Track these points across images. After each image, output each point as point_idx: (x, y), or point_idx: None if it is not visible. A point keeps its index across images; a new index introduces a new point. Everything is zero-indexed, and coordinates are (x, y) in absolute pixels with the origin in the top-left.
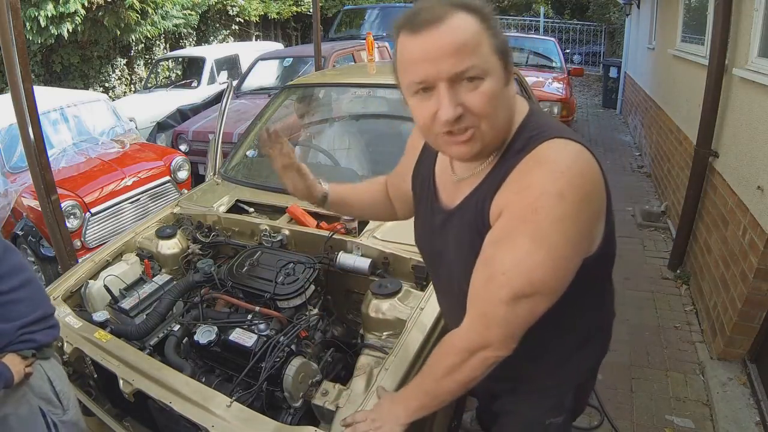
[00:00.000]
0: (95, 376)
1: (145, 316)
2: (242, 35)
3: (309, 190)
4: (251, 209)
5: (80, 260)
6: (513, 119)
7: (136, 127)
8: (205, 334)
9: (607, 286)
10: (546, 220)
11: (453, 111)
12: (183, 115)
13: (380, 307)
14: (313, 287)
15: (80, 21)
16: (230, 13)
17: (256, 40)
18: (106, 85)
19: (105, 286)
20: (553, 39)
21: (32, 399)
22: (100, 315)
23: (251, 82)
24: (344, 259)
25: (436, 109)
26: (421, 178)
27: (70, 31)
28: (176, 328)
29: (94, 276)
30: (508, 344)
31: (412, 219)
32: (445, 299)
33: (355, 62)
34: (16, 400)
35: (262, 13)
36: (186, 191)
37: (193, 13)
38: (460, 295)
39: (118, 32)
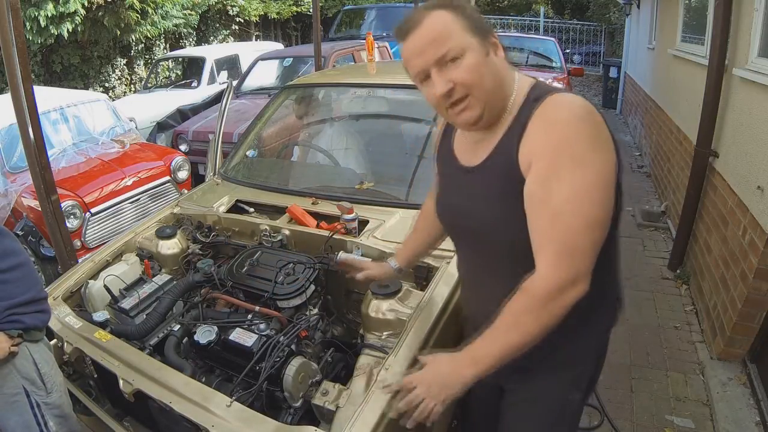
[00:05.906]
0: (95, 376)
1: (145, 316)
2: (242, 35)
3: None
4: (251, 209)
5: (80, 260)
6: (511, 80)
7: (136, 127)
8: (205, 334)
9: (615, 240)
10: (578, 143)
11: (443, 86)
12: (183, 115)
13: (380, 307)
14: (313, 287)
15: (80, 21)
16: (230, 13)
17: (256, 40)
18: (106, 85)
19: (105, 286)
20: (553, 39)
21: (16, 378)
22: (100, 315)
23: (251, 82)
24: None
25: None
26: (443, 153)
27: (70, 31)
28: (176, 328)
29: (94, 276)
30: (589, 276)
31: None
32: (471, 262)
33: (355, 62)
34: (2, 378)
35: (262, 13)
36: (186, 191)
37: (193, 13)
38: (492, 251)
39: (118, 32)
